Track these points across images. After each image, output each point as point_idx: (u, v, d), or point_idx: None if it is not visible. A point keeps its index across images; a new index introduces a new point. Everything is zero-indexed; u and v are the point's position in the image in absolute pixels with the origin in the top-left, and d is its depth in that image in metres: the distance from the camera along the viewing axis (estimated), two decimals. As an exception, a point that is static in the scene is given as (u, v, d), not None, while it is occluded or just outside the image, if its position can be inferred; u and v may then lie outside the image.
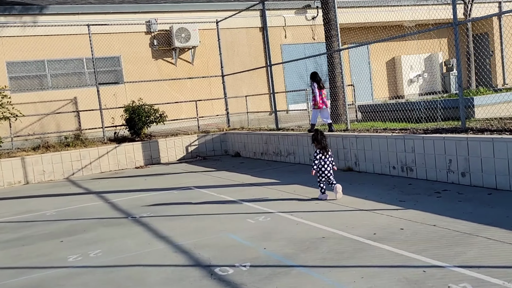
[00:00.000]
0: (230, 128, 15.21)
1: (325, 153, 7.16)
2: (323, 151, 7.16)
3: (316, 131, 7.38)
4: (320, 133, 7.26)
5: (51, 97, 16.64)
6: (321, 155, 7.16)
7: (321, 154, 7.16)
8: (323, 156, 7.16)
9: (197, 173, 11.36)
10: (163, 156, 14.28)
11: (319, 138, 7.19)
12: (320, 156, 7.16)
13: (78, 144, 13.67)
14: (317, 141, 7.20)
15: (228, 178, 10.12)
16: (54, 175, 12.95)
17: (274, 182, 9.06)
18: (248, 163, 12.30)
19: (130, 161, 13.84)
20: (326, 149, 7.16)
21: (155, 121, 14.69)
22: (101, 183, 11.43)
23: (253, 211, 6.94)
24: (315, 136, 7.25)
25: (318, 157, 7.16)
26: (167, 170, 12.45)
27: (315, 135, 7.25)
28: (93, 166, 13.40)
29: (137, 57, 17.94)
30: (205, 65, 19.15)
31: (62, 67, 17.03)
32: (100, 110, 14.25)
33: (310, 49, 20.53)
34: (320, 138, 7.17)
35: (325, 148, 7.16)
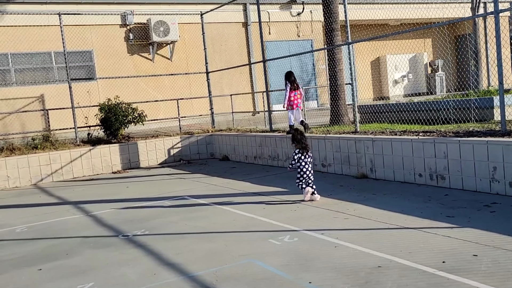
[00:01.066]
0: (216, 129, 14.03)
1: (305, 153, 7.01)
2: (303, 151, 7.01)
3: (296, 131, 7.34)
4: (300, 133, 7.16)
5: (15, 94, 15.08)
6: (300, 155, 7.01)
7: (300, 154, 7.01)
8: (303, 156, 7.00)
9: (186, 180, 10.13)
10: (143, 159, 12.98)
11: (298, 138, 7.07)
12: (300, 156, 7.00)
13: (47, 146, 12.23)
14: (297, 141, 7.06)
15: (225, 186, 8.96)
16: (20, 181, 11.48)
17: (281, 191, 7.95)
18: (241, 168, 11.15)
19: (106, 165, 12.48)
20: (306, 149, 7.03)
21: (133, 121, 13.36)
22: (76, 190, 10.07)
23: (272, 228, 5.82)
24: (294, 136, 7.13)
25: (296, 157, 7.01)
26: (150, 176, 11.17)
27: (294, 135, 7.14)
28: (65, 171, 11.99)
29: (111, 52, 16.55)
30: (184, 61, 17.89)
31: (28, 61, 15.49)
32: (72, 109, 12.83)
33: (295, 47, 19.58)
34: (300, 138, 7.05)
35: (305, 148, 7.02)
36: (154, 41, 16.73)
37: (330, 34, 11.35)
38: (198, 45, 17.72)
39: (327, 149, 9.26)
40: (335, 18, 11.18)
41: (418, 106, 11.04)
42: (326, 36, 11.55)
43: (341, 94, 11.43)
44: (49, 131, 12.83)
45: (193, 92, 17.74)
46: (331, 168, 9.22)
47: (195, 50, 17.89)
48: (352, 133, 9.28)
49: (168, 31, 16.70)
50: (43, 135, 12.63)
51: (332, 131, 10.01)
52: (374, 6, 21.08)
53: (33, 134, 13.26)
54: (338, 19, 11.22)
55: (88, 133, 13.26)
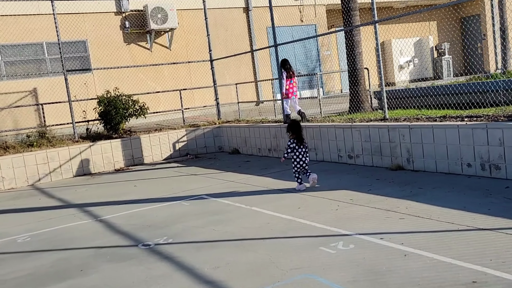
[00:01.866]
0: (223, 121, 13.18)
1: (299, 143, 6.97)
2: (297, 141, 6.97)
3: (291, 121, 7.33)
4: (295, 123, 7.15)
5: (6, 88, 14.13)
6: (295, 145, 6.98)
7: (295, 144, 6.98)
8: (297, 147, 6.97)
9: (198, 176, 9.30)
10: (147, 155, 12.11)
11: (294, 128, 7.01)
12: (294, 146, 6.98)
13: (44, 143, 11.32)
14: (292, 131, 7.01)
15: (245, 183, 8.14)
16: (16, 182, 10.59)
17: (310, 187, 7.14)
18: (256, 161, 10.33)
19: (108, 162, 11.61)
20: (301, 140, 6.98)
21: (134, 114, 12.48)
22: (79, 191, 9.21)
23: (318, 232, 5.01)
24: (290, 126, 7.08)
25: (292, 146, 6.98)
26: (158, 173, 10.33)
27: (290, 125, 7.11)
28: (64, 169, 11.11)
29: (106, 41, 15.60)
30: (184, 50, 16.98)
31: (18, 53, 14.52)
32: (69, 102, 11.92)
33: (299, 32, 18.73)
34: (295, 128, 7.00)
35: (300, 138, 6.97)
36: (152, 29, 15.80)
37: (347, 14, 10.51)
38: (198, 32, 16.86)
39: (354, 139, 8.47)
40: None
41: (444, 89, 10.28)
42: (343, 16, 10.69)
43: (361, 79, 10.64)
44: (45, 127, 11.92)
45: (194, 82, 16.87)
46: (360, 160, 8.43)
47: (195, 38, 17.00)
48: (380, 121, 8.48)
49: (166, 18, 15.77)
50: (39, 132, 11.72)
51: (356, 119, 9.21)
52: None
53: (27, 131, 12.35)
54: None
55: (86, 128, 12.37)
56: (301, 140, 6.97)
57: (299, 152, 6.97)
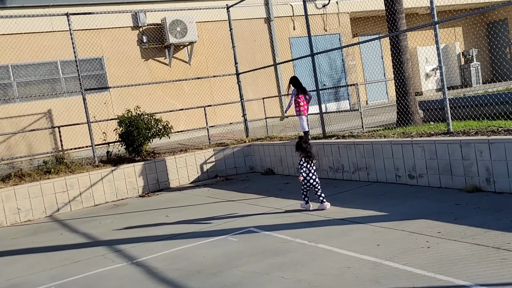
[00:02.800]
0: (253, 139, 12.19)
1: (309, 161, 6.87)
2: (308, 159, 6.86)
3: (300, 139, 7.20)
4: (305, 141, 7.04)
5: (18, 111, 13.27)
6: (306, 164, 6.85)
7: (306, 163, 6.85)
8: (308, 165, 6.87)
9: (236, 203, 8.30)
10: (173, 178, 11.14)
11: (303, 146, 6.89)
12: (306, 165, 6.85)
13: (62, 169, 10.39)
14: (301, 149, 6.89)
15: (295, 210, 7.12)
16: (33, 213, 9.65)
17: (377, 216, 6.12)
18: (297, 184, 9.29)
19: (131, 187, 10.65)
20: (311, 158, 6.87)
21: (158, 134, 11.56)
22: (104, 223, 8.23)
23: (423, 282, 3.98)
24: (299, 144, 6.95)
25: (304, 165, 6.84)
26: (188, 199, 9.34)
27: (299, 143, 6.96)
28: (84, 197, 10.15)
29: (123, 58, 14.75)
30: (204, 64, 16.09)
31: (31, 73, 13.68)
32: (88, 124, 10.99)
33: (322, 42, 17.77)
34: (305, 146, 6.89)
35: (310, 157, 6.87)
36: (171, 43, 14.93)
37: (392, 17, 9.53)
38: (219, 45, 15.99)
39: (416, 156, 7.44)
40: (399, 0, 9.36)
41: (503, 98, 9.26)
42: (388, 20, 9.72)
43: (409, 88, 9.66)
44: (63, 151, 11.00)
45: (215, 98, 15.95)
46: (423, 180, 7.40)
47: (216, 51, 16.12)
48: (445, 135, 7.46)
49: (186, 31, 14.90)
50: (56, 157, 10.80)
51: (412, 133, 8.19)
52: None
53: (42, 156, 11.46)
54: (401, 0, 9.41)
55: (107, 151, 11.43)
56: (311, 158, 6.86)
57: (308, 170, 6.86)
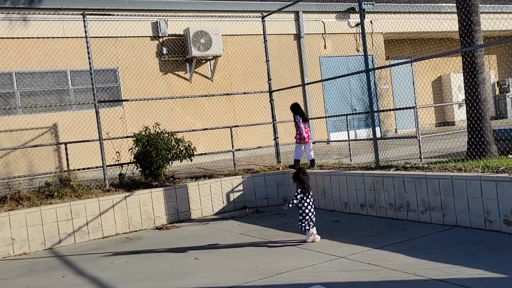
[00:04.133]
0: (287, 166, 10.64)
1: (307, 193, 6.75)
2: (305, 191, 6.74)
3: (299, 170, 7.05)
4: (303, 172, 6.89)
5: (20, 123, 11.78)
6: (302, 195, 6.73)
7: (302, 194, 6.73)
8: (305, 197, 6.73)
9: (281, 246, 6.71)
10: (195, 208, 9.57)
11: (301, 177, 6.79)
12: (302, 197, 6.73)
13: (67, 193, 8.83)
14: (299, 181, 6.79)
15: (364, 261, 5.52)
16: (29, 245, 8.07)
17: (494, 279, 4.53)
18: (349, 222, 7.73)
19: (147, 217, 9.07)
20: (308, 189, 6.77)
21: (179, 156, 10.05)
22: (117, 263, 6.63)
23: None
24: (297, 175, 6.84)
25: (299, 197, 6.73)
26: (217, 236, 7.75)
27: (297, 174, 6.85)
28: (92, 227, 8.58)
29: (140, 70, 13.33)
30: (227, 81, 14.65)
31: (37, 82, 12.23)
32: (100, 141, 9.48)
33: (354, 63, 16.40)
34: (303, 178, 6.78)
35: (307, 188, 6.77)
36: (193, 57, 13.52)
37: (466, 29, 8.05)
38: (243, 61, 14.64)
39: (516, 196, 5.88)
40: (475, 8, 7.91)
41: None
42: (460, 33, 8.25)
43: (485, 114, 8.14)
44: (68, 171, 9.46)
45: (237, 117, 14.48)
46: (527, 228, 5.82)
47: (241, 68, 14.72)
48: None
49: (210, 43, 13.51)
50: (61, 178, 9.24)
51: (501, 166, 6.62)
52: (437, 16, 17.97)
53: (45, 177, 9.92)
54: (478, 10, 7.97)
55: (120, 173, 9.89)
56: (308, 190, 6.74)
57: (307, 203, 6.70)
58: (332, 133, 16.50)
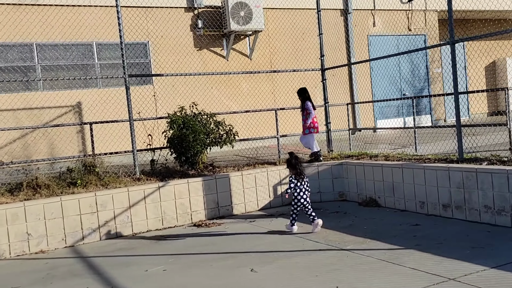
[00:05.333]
0: (342, 155, 9.25)
1: (300, 179, 6.56)
2: (298, 177, 6.57)
3: (290, 155, 6.72)
4: (295, 158, 6.67)
5: (41, 101, 10.57)
6: (296, 182, 6.55)
7: (296, 181, 6.56)
8: (298, 183, 6.56)
9: (355, 255, 5.34)
10: (238, 202, 8.26)
11: (293, 163, 6.61)
12: (295, 183, 6.55)
13: (92, 181, 7.59)
14: (292, 167, 6.62)
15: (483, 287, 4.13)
16: (47, 242, 6.85)
17: None
18: (433, 227, 6.30)
19: (183, 212, 7.79)
20: (301, 175, 6.58)
21: (218, 141, 8.75)
22: (152, 272, 5.35)
23: None
24: (289, 161, 6.66)
25: (292, 185, 6.55)
26: (269, 239, 6.43)
27: (289, 160, 6.66)
28: (119, 222, 7.32)
29: (172, 45, 12.02)
30: (267, 60, 13.25)
31: (60, 55, 11.00)
32: (130, 122, 8.20)
33: (405, 43, 14.83)
34: (295, 163, 6.61)
35: (301, 174, 6.58)
36: (231, 31, 12.14)
37: None
38: (285, 38, 13.29)
39: None
40: None
41: None
42: None
43: None
44: (94, 156, 8.20)
45: (277, 100, 13.11)
46: None
47: (282, 46, 13.32)
48: None
49: (251, 17, 12.10)
50: (84, 163, 7.99)
51: None
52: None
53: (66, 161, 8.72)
54: None
55: (152, 159, 8.61)
56: (301, 176, 6.57)
57: (300, 189, 6.57)
58: (379, 120, 15.01)
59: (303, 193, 6.56)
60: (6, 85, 10.08)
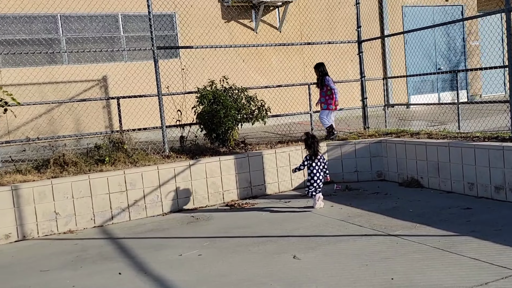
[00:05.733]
0: (379, 132, 8.78)
1: (315, 159, 6.52)
2: (314, 157, 6.52)
3: (307, 135, 6.73)
4: (312, 137, 6.64)
5: (66, 75, 10.26)
6: (310, 162, 6.54)
7: (310, 161, 6.53)
8: (313, 163, 6.53)
9: (406, 242, 4.94)
10: (271, 181, 7.89)
11: (309, 142, 6.57)
12: (310, 163, 6.54)
13: (121, 158, 7.28)
14: (308, 147, 6.60)
15: None
16: (76, 221, 6.60)
17: None
18: (487, 211, 5.84)
19: (214, 191, 7.45)
20: (316, 155, 6.53)
21: (250, 117, 8.36)
22: (187, 257, 5.04)
23: None
24: (305, 140, 6.64)
25: (306, 163, 6.59)
26: (307, 221, 6.05)
27: (305, 140, 6.65)
28: (149, 202, 7.03)
29: (199, 17, 11.56)
30: (297, 33, 12.72)
31: (85, 27, 10.64)
32: (158, 96, 7.84)
33: (441, 14, 14.12)
34: (311, 143, 6.55)
35: (315, 154, 6.53)
36: (261, 1, 11.62)
37: None
38: (316, 10, 12.62)
39: None
40: None
41: None
42: None
43: None
44: (121, 132, 7.88)
45: (307, 76, 12.61)
46: None
47: (313, 18, 12.75)
48: None
49: (281, -14, 11.54)
50: (112, 140, 7.68)
51: None
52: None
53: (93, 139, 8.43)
54: None
55: (181, 136, 8.26)
56: (315, 155, 6.51)
57: (313, 167, 6.51)
58: (412, 96, 14.41)
59: (318, 173, 6.51)
60: (31, 57, 9.80)
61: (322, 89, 8.60)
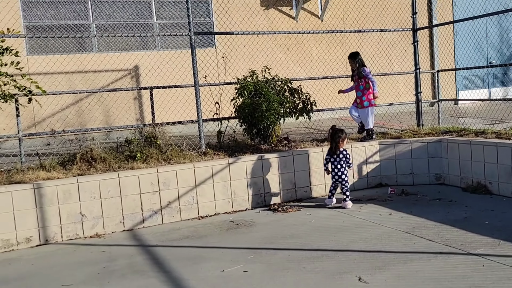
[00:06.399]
0: (437, 130, 7.90)
1: (334, 154, 6.39)
2: (333, 153, 6.42)
3: (332, 130, 6.53)
4: (333, 131, 6.47)
5: (95, 64, 9.65)
6: (329, 157, 6.47)
7: (329, 156, 6.47)
8: (332, 159, 6.43)
9: (497, 266, 4.12)
10: (317, 183, 7.12)
11: (329, 138, 6.55)
12: (329, 158, 6.47)
13: (153, 155, 6.61)
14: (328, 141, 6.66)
15: None
16: (103, 224, 5.95)
17: None
18: None
19: (255, 193, 6.73)
20: (334, 150, 6.39)
21: (294, 112, 7.60)
22: (231, 274, 4.33)
23: None
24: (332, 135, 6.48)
25: (326, 158, 6.55)
26: (365, 231, 5.27)
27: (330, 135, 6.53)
28: (184, 203, 6.34)
29: (237, 3, 10.81)
30: (340, 22, 11.86)
31: (115, 13, 10.01)
32: (195, 87, 7.13)
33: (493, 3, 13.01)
34: (331, 138, 6.45)
35: (334, 149, 6.39)
36: (303, -13, 10.80)
37: None
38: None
39: None
40: None
41: None
42: None
43: None
44: (154, 126, 7.21)
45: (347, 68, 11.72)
46: None
47: (356, 6, 11.85)
48: None
49: (325, -29, 10.69)
50: (144, 135, 7.02)
51: None
52: None
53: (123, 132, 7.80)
54: None
55: (218, 131, 7.55)
56: (334, 150, 6.38)
57: (334, 165, 6.43)
58: (461, 91, 13.42)
59: (338, 169, 6.41)
60: (59, 44, 9.21)
61: (359, 82, 7.64)
